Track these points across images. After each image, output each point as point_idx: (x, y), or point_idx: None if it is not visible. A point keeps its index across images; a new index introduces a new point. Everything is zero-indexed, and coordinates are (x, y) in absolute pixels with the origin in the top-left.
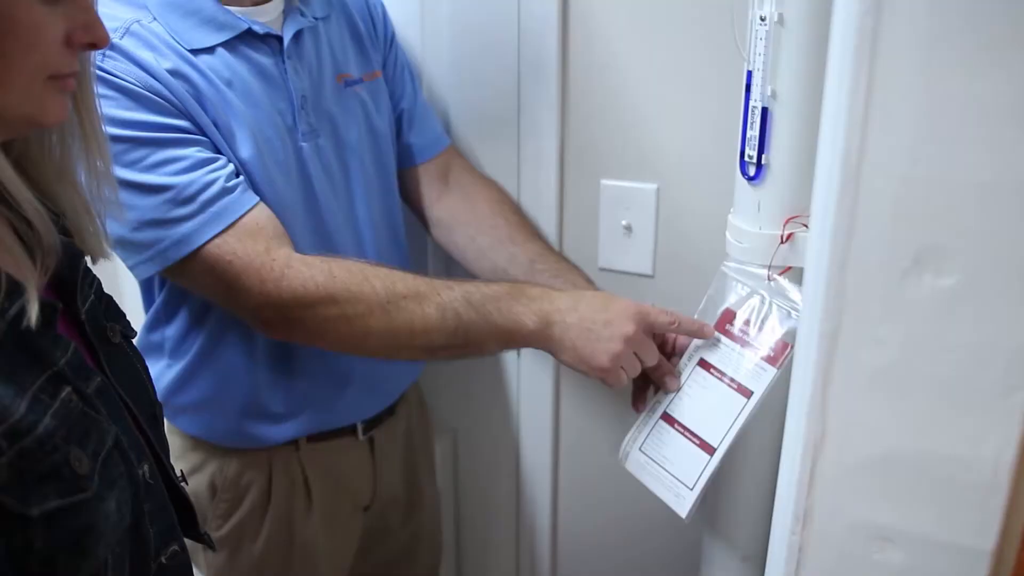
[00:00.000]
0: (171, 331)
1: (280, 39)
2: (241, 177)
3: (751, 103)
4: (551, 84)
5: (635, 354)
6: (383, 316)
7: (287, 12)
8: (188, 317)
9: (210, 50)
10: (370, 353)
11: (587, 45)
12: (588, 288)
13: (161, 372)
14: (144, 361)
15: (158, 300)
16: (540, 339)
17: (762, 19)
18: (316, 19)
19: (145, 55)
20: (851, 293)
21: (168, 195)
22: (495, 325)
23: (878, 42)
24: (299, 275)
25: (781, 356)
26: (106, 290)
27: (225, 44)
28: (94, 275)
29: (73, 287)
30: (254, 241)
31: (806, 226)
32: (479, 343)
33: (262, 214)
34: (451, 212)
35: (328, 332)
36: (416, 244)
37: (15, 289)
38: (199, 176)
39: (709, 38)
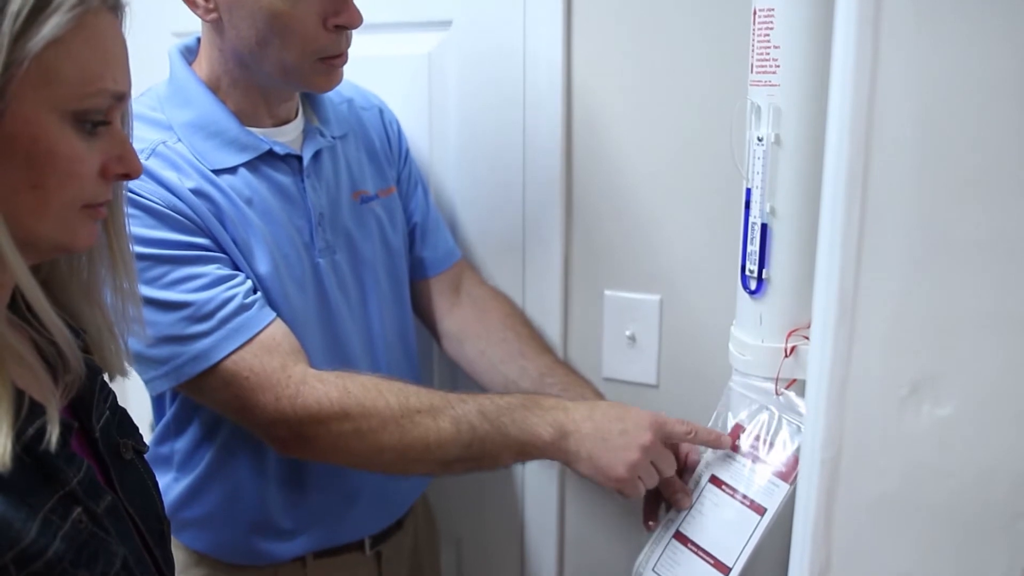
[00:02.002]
0: (180, 444)
1: (300, 159)
2: (258, 293)
3: (751, 219)
4: (555, 197)
5: (652, 464)
6: (397, 431)
7: (306, 132)
8: (199, 431)
9: (232, 170)
10: (384, 469)
11: (591, 160)
12: (597, 399)
13: (168, 485)
14: (155, 477)
15: (169, 413)
16: (556, 450)
17: (759, 139)
18: (334, 138)
19: (169, 175)
20: (850, 422)
21: (186, 312)
22: (510, 437)
23: (868, 179)
24: (314, 392)
25: (793, 471)
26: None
27: (247, 164)
28: (110, 388)
29: (89, 403)
30: (271, 357)
31: (808, 338)
32: (494, 456)
33: (279, 330)
34: (462, 325)
35: (341, 448)
36: (422, 355)
37: (35, 409)
38: (218, 293)
39: (710, 156)
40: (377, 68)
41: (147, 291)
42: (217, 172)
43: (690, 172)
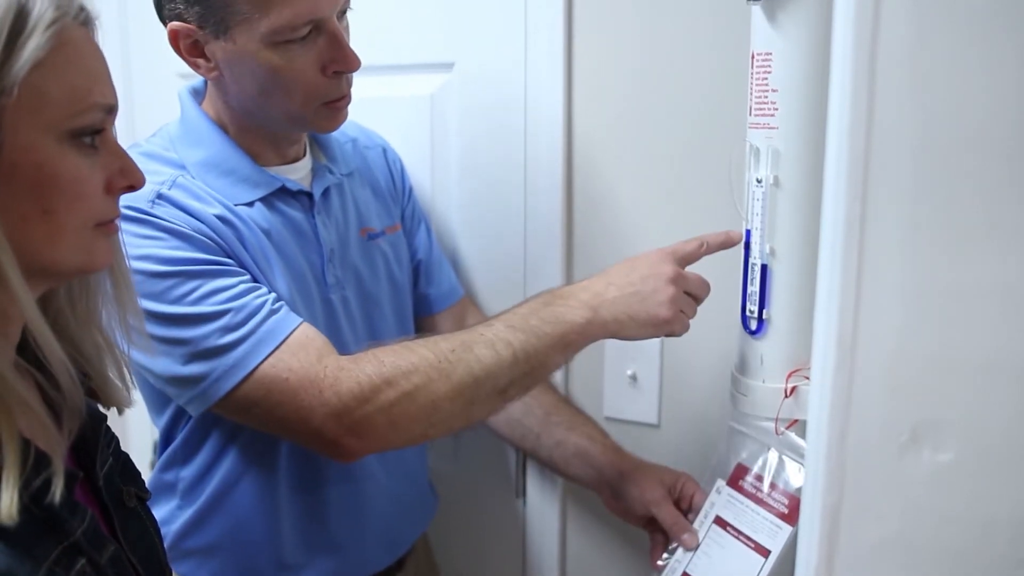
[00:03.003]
0: (187, 472)
1: (310, 196)
2: (283, 302)
3: (751, 260)
4: (556, 236)
5: (686, 293)
6: (442, 378)
7: (315, 170)
8: (206, 458)
9: (248, 204)
10: (447, 425)
11: (592, 200)
12: (602, 440)
13: (171, 514)
14: (156, 524)
15: (178, 439)
16: (595, 327)
17: (758, 181)
18: (342, 176)
19: (192, 204)
20: (851, 467)
21: (220, 322)
22: (547, 336)
23: (866, 225)
24: (350, 374)
25: (796, 513)
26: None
27: (261, 199)
28: (113, 434)
29: (93, 449)
30: (306, 353)
31: (808, 378)
32: (542, 361)
33: (309, 329)
34: None
35: (397, 419)
36: None
37: (41, 460)
38: (248, 301)
39: (709, 197)
40: (381, 109)
41: (177, 309)
42: (235, 205)
43: (690, 212)
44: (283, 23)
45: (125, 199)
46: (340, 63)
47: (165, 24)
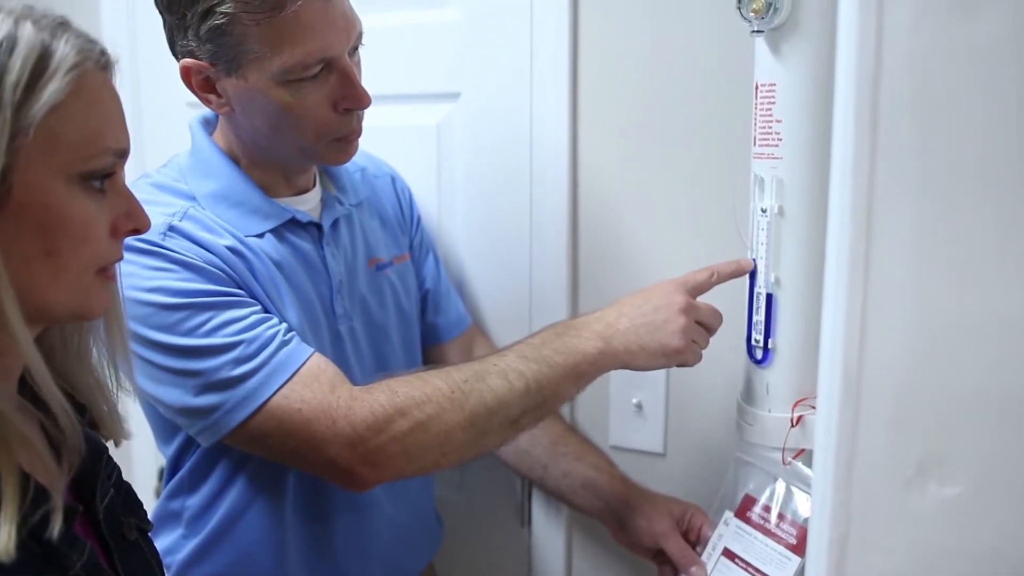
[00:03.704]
0: (193, 501)
1: (319, 227)
2: (294, 332)
3: (756, 289)
4: (561, 265)
5: (698, 323)
6: (455, 408)
7: (325, 201)
8: (213, 488)
9: (259, 235)
10: (460, 455)
11: (597, 229)
12: (609, 470)
13: (176, 543)
14: (159, 556)
15: (185, 467)
16: (608, 358)
17: (763, 211)
18: (351, 206)
19: (204, 235)
20: (857, 501)
21: (232, 354)
22: (559, 366)
23: (870, 262)
24: (364, 404)
25: (804, 543)
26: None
27: (272, 231)
28: (114, 464)
29: (93, 481)
30: (318, 384)
31: (814, 408)
32: (554, 391)
33: (321, 359)
34: None
35: (411, 448)
36: None
37: (40, 494)
38: (260, 332)
39: (714, 226)
40: (387, 138)
41: (189, 341)
42: (246, 236)
43: (695, 242)
44: (295, 62)
45: None
46: (351, 100)
47: (177, 59)
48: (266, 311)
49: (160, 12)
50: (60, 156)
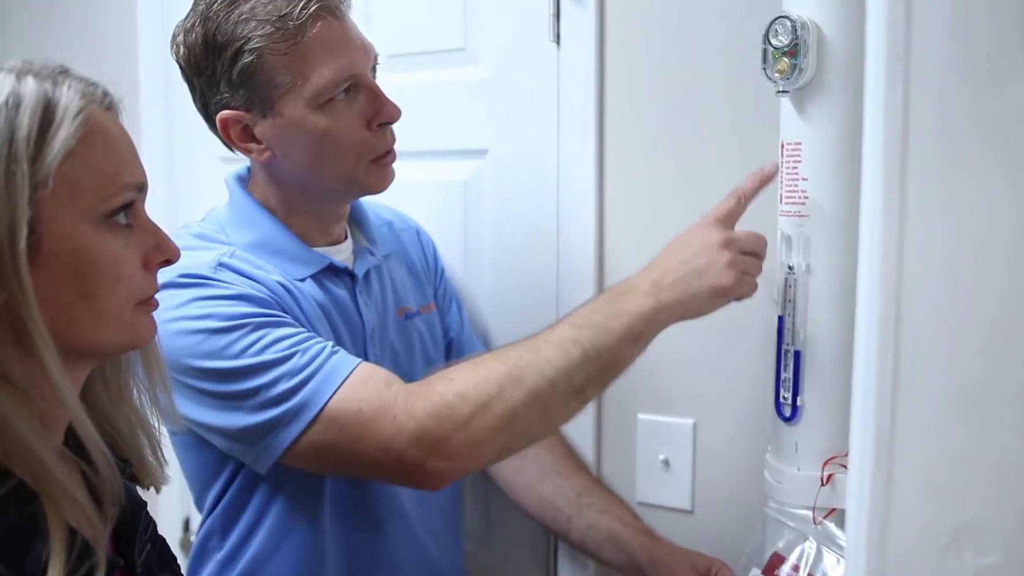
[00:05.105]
0: (226, 544)
1: (353, 275)
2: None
3: (784, 346)
4: None
5: (743, 253)
6: (514, 385)
7: (356, 252)
8: (242, 530)
9: (301, 280)
10: (529, 434)
11: None
12: (634, 523)
13: None
14: None
15: (217, 510)
16: (662, 314)
17: (790, 268)
18: (381, 257)
19: (253, 271)
20: (891, 570)
21: (285, 367)
22: (615, 330)
23: (901, 329)
24: (422, 396)
25: None
26: None
27: (312, 276)
28: (151, 519)
29: (133, 535)
30: (374, 382)
31: (845, 467)
32: (614, 355)
33: (369, 364)
34: None
35: (477, 433)
36: None
37: (85, 549)
38: (310, 344)
39: None
40: (416, 193)
41: (241, 362)
42: (290, 280)
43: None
44: (324, 83)
45: (186, 268)
46: (383, 114)
47: (213, 120)
48: None
49: (189, 80)
50: (82, 200)
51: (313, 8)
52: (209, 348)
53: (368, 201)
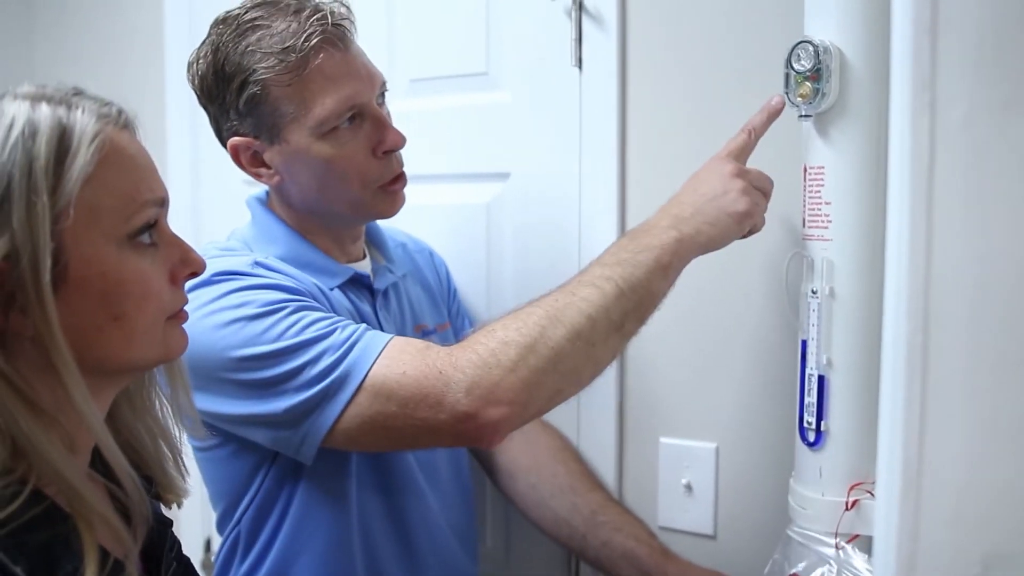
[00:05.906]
0: (249, 553)
1: (373, 291)
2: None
3: (807, 371)
4: None
5: (754, 186)
6: (555, 324)
7: (375, 270)
8: (258, 552)
9: (331, 289)
10: (577, 374)
11: None
12: (649, 542)
13: None
14: None
15: (232, 535)
16: (686, 245)
17: (814, 292)
18: (399, 276)
19: (288, 269)
20: None
21: (327, 342)
22: (643, 263)
23: (928, 358)
24: (465, 350)
25: None
26: None
27: (339, 287)
28: (176, 538)
29: (159, 554)
30: (412, 347)
31: (871, 493)
32: (648, 289)
33: (404, 338)
34: (512, 459)
35: (527, 376)
36: (476, 492)
37: (116, 567)
38: (347, 323)
39: (764, 306)
40: (439, 216)
41: (281, 344)
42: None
43: (745, 322)
44: (327, 112)
45: (223, 265)
46: (386, 143)
47: (225, 144)
48: None
49: (204, 106)
50: (104, 224)
51: (316, 40)
52: (248, 335)
53: (381, 223)
